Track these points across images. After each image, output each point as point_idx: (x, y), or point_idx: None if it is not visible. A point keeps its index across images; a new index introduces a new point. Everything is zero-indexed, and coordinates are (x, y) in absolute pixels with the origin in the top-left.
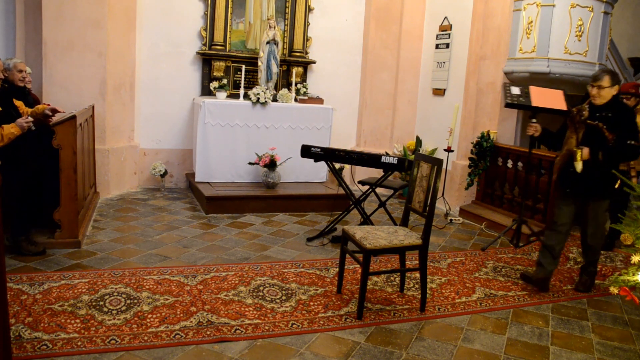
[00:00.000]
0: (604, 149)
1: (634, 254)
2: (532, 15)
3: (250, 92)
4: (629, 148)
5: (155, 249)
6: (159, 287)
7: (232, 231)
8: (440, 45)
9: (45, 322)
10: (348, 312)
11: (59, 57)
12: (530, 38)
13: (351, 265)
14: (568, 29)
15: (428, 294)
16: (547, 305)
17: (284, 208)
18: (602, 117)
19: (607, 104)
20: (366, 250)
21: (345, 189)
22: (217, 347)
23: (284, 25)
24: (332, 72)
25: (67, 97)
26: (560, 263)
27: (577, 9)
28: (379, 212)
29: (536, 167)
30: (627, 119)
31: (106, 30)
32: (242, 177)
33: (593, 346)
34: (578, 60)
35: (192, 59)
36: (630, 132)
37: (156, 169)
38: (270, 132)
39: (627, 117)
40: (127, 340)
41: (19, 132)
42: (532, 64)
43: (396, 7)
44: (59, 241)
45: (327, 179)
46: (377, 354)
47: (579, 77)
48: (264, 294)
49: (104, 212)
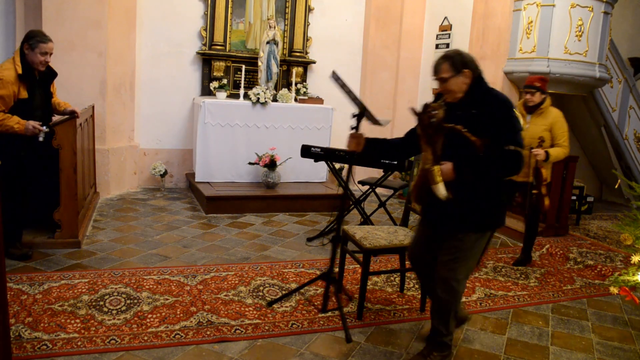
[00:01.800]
0: (471, 161)
1: (634, 254)
2: (532, 15)
3: (250, 92)
4: (507, 156)
5: (155, 249)
6: (159, 287)
7: (232, 231)
8: (440, 45)
9: (45, 322)
10: (348, 312)
11: (59, 57)
12: (530, 38)
13: (351, 265)
14: (568, 29)
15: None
16: (547, 305)
17: (284, 208)
18: (463, 116)
19: (467, 98)
20: (366, 250)
21: (345, 188)
22: (217, 347)
23: (284, 25)
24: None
25: (67, 97)
26: (560, 263)
27: (577, 9)
28: (379, 212)
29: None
30: (500, 115)
31: (106, 30)
32: (242, 177)
33: (593, 346)
34: (578, 60)
35: (192, 59)
36: (506, 133)
37: (156, 169)
38: (270, 132)
39: (501, 112)
40: (127, 340)
41: (20, 131)
42: (532, 64)
43: (396, 7)
44: (59, 241)
45: (327, 179)
46: (377, 354)
47: (579, 77)
48: (264, 294)
49: (104, 212)
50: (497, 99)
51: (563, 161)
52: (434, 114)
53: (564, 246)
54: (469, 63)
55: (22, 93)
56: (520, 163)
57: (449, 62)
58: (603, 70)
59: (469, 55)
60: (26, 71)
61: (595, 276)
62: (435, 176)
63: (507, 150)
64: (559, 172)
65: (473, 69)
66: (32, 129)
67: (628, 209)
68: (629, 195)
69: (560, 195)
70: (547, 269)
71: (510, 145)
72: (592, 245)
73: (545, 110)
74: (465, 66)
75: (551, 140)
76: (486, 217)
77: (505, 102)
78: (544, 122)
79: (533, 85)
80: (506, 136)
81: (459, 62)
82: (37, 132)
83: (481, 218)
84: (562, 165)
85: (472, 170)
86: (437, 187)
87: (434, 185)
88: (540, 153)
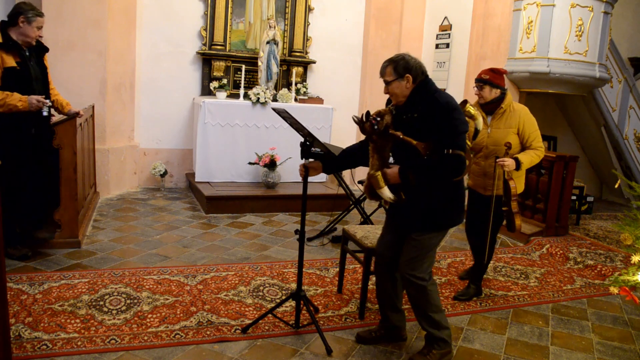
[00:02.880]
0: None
1: (634, 254)
2: (532, 15)
3: (250, 92)
4: (446, 160)
5: (155, 248)
6: (159, 287)
7: (232, 231)
8: (440, 45)
9: (45, 322)
10: (348, 312)
11: (59, 57)
12: (530, 38)
13: (351, 265)
14: (568, 29)
15: None
16: (547, 305)
17: (284, 208)
18: (407, 120)
19: (410, 102)
20: (367, 250)
21: (345, 188)
22: (217, 347)
23: (284, 25)
24: (332, 72)
25: (67, 97)
26: (560, 263)
27: (577, 8)
28: (379, 212)
29: (536, 166)
30: (439, 119)
31: (106, 30)
32: (242, 177)
33: (593, 346)
34: (578, 60)
35: (192, 59)
36: (445, 137)
37: (156, 169)
38: (270, 132)
39: (440, 116)
40: (127, 340)
41: (24, 108)
42: (532, 64)
43: (396, 7)
44: (59, 241)
45: (327, 179)
46: (377, 354)
47: (579, 77)
48: (264, 294)
49: (104, 212)
50: (437, 103)
51: (563, 161)
52: (376, 122)
53: (564, 246)
54: (412, 68)
55: (8, 61)
56: (460, 166)
57: (392, 65)
58: (603, 70)
59: (414, 60)
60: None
61: (595, 276)
62: (379, 181)
63: (446, 155)
64: (559, 172)
65: (415, 74)
66: (36, 103)
67: (628, 209)
68: (629, 195)
69: (560, 195)
70: (547, 269)
71: (450, 148)
72: (592, 245)
73: (507, 110)
74: (407, 71)
75: (521, 145)
76: (441, 217)
77: (445, 105)
78: (509, 123)
79: (481, 79)
80: (445, 140)
81: (401, 67)
82: (42, 106)
83: (436, 218)
84: (562, 165)
85: (415, 174)
86: (382, 191)
87: (378, 189)
88: (508, 162)
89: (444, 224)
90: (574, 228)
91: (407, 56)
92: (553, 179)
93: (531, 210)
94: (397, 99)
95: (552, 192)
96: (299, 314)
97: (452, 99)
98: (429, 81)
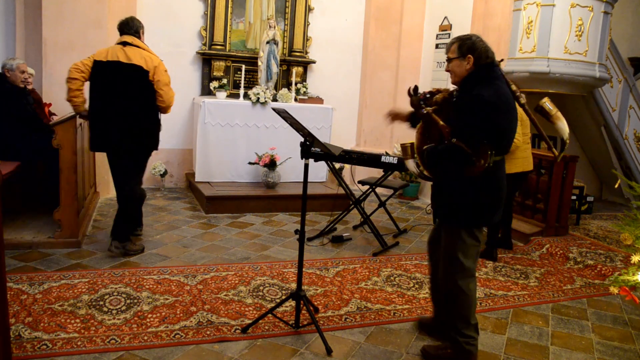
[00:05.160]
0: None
1: (634, 253)
2: (532, 15)
3: (250, 92)
4: (449, 150)
5: (155, 248)
6: (159, 286)
7: (232, 231)
8: (440, 45)
9: (45, 321)
10: (348, 312)
11: (59, 57)
12: (530, 38)
13: (351, 265)
14: (568, 29)
15: (428, 294)
16: (547, 305)
17: (284, 208)
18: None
19: (465, 82)
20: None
21: (345, 188)
22: (217, 347)
23: (284, 25)
24: (332, 72)
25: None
26: (560, 263)
27: (577, 8)
28: (379, 211)
29: (536, 166)
30: (467, 108)
31: (106, 30)
32: (242, 176)
33: (593, 346)
34: (578, 60)
35: (192, 59)
36: (461, 127)
37: (156, 169)
38: (270, 132)
39: (469, 106)
40: (127, 340)
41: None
42: (532, 64)
43: (396, 7)
44: (59, 241)
45: (327, 179)
46: (377, 354)
47: (579, 77)
48: (264, 294)
49: (104, 212)
50: (478, 93)
51: (563, 161)
52: (425, 98)
53: (564, 246)
54: (477, 50)
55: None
56: (458, 157)
57: (458, 43)
58: (603, 70)
59: (482, 43)
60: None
61: (595, 276)
62: (408, 153)
63: (448, 144)
64: (559, 172)
65: (479, 56)
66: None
67: (628, 209)
68: (629, 195)
69: (560, 195)
70: (547, 268)
71: (457, 138)
72: (592, 245)
73: None
74: (471, 52)
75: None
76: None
77: (481, 99)
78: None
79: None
80: (458, 129)
81: (466, 47)
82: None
83: (459, 213)
84: (562, 165)
85: (423, 157)
86: (407, 162)
87: (405, 160)
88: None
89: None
90: (574, 228)
91: (475, 37)
92: (553, 179)
93: (531, 210)
94: (454, 77)
95: (552, 192)
96: (298, 314)
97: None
98: (492, 69)
